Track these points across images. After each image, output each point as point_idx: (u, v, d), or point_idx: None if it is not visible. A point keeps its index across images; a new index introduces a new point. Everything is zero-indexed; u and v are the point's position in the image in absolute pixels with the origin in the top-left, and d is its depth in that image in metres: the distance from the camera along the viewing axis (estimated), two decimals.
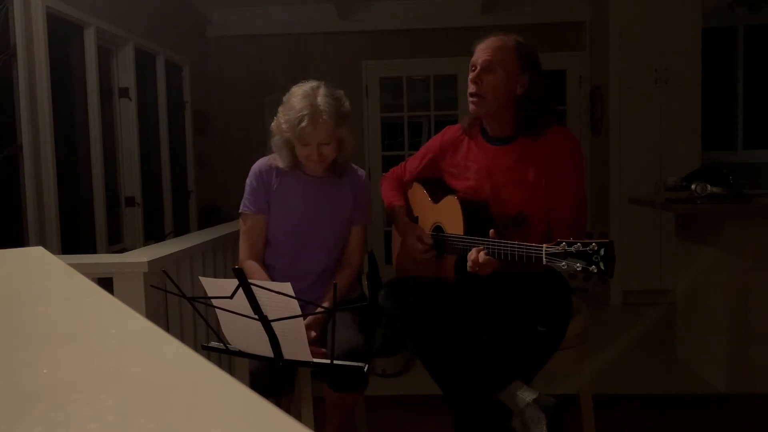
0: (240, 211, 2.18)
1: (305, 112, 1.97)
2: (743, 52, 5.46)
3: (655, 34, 4.73)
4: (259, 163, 2.19)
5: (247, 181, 2.18)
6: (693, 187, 3.01)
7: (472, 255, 1.77)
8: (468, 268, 1.79)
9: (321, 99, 2.00)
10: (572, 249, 1.57)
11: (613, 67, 4.80)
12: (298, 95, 2.03)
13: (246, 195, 2.17)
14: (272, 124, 2.10)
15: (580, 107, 5.45)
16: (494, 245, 1.75)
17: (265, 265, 2.16)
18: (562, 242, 1.59)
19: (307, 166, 2.13)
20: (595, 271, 1.54)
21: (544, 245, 1.63)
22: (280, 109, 2.07)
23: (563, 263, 1.59)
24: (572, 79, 5.53)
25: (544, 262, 1.62)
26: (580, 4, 5.36)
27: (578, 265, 1.56)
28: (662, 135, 4.78)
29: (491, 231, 1.77)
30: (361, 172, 2.26)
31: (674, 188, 3.30)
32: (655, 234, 4.73)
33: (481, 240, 1.80)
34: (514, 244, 1.70)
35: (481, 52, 1.97)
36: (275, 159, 2.14)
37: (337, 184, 2.18)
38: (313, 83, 2.06)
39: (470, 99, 1.99)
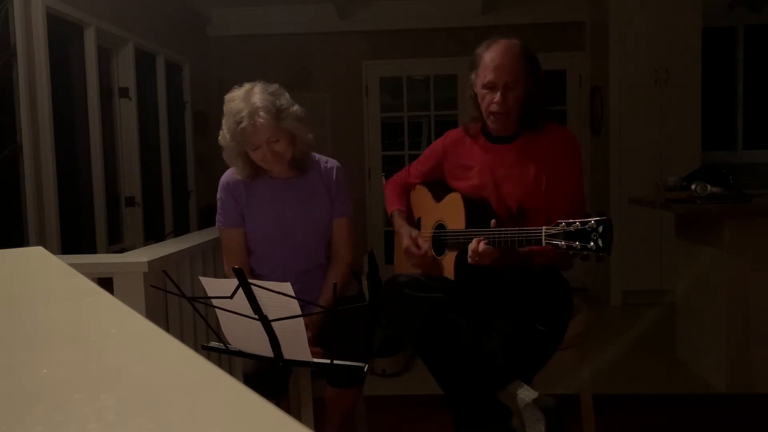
0: (216, 226, 2.17)
1: (243, 114, 1.92)
2: (743, 52, 5.46)
3: (655, 34, 4.73)
4: (226, 176, 2.15)
5: (217, 195, 2.14)
6: (693, 187, 3.01)
7: (472, 245, 1.80)
8: (468, 259, 1.81)
9: (256, 98, 1.95)
10: (571, 228, 1.60)
11: (613, 67, 4.80)
12: (234, 100, 1.97)
13: (218, 210, 2.14)
14: (219, 137, 2.03)
15: (580, 107, 5.45)
16: (494, 234, 1.78)
17: (254, 275, 2.13)
18: (560, 223, 1.62)
19: (269, 168, 2.08)
20: (594, 248, 1.56)
21: (543, 227, 1.66)
22: (223, 120, 2.01)
23: (561, 242, 1.61)
24: (572, 79, 5.53)
25: (543, 243, 1.65)
26: (580, 4, 5.35)
27: (576, 243, 1.58)
28: (662, 135, 4.78)
29: (492, 221, 1.80)
30: (332, 163, 2.18)
31: (674, 188, 3.29)
32: (655, 234, 4.73)
33: (481, 231, 1.82)
34: (514, 230, 1.75)
35: (500, 72, 1.94)
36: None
37: (306, 182, 2.13)
38: (247, 85, 2.00)
39: (492, 116, 1.99)
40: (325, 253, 2.18)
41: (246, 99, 1.94)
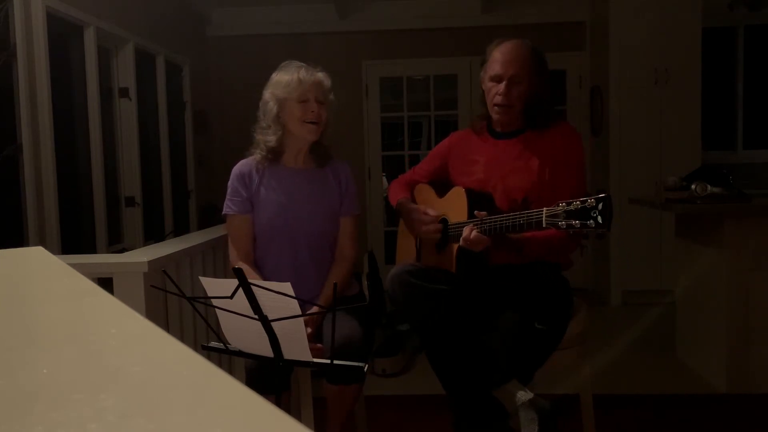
0: (223, 213, 2.18)
1: (302, 68, 2.10)
2: (743, 52, 5.46)
3: (655, 34, 4.73)
4: (240, 165, 2.19)
5: (229, 183, 2.18)
6: (693, 187, 3.01)
7: (464, 232, 1.83)
8: (461, 243, 1.85)
9: (311, 67, 2.14)
10: (571, 207, 1.61)
11: (613, 67, 4.80)
12: (287, 67, 2.13)
13: (228, 196, 2.17)
14: (264, 96, 2.14)
15: (580, 107, 5.45)
16: (496, 219, 1.80)
17: (256, 265, 2.15)
18: (561, 203, 1.64)
19: (301, 135, 2.11)
20: (593, 225, 1.57)
21: (544, 208, 1.68)
22: (271, 84, 2.13)
23: (562, 222, 1.63)
24: (572, 79, 5.53)
25: (544, 225, 1.67)
26: (580, 4, 5.35)
27: (575, 222, 1.60)
28: (662, 135, 4.78)
29: (481, 212, 1.83)
30: (343, 162, 2.27)
31: (674, 188, 3.29)
32: (655, 234, 4.73)
33: (484, 218, 1.84)
34: (515, 214, 1.77)
35: (507, 65, 2.03)
36: (256, 159, 2.17)
37: (319, 176, 2.18)
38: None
39: (497, 108, 2.05)
40: (330, 250, 2.19)
41: (302, 66, 2.12)
